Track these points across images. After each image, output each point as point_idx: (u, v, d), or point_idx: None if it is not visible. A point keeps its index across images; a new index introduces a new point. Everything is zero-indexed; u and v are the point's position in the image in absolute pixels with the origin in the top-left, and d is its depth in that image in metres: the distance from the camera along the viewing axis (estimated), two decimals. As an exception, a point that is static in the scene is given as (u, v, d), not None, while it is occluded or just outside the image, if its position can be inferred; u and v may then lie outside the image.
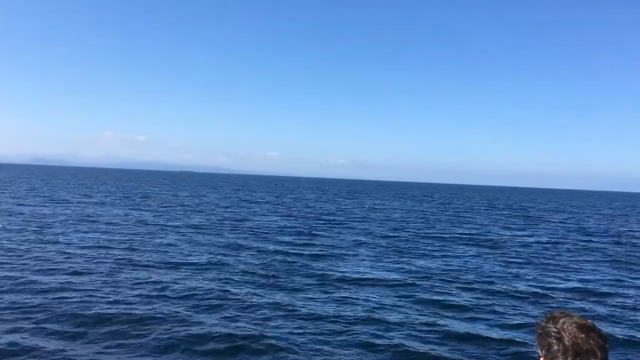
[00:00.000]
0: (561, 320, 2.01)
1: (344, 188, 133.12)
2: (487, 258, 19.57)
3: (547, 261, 19.42)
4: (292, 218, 33.24)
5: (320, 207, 46.69)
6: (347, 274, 14.93)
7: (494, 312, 11.56)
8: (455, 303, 12.21)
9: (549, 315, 2.09)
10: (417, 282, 14.40)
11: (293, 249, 19.37)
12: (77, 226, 23.01)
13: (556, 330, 1.99)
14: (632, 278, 16.55)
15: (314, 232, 25.59)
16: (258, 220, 30.14)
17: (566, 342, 1.95)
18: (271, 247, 19.72)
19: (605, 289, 14.53)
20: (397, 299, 12.40)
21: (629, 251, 23.64)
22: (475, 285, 14.30)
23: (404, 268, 16.61)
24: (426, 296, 12.74)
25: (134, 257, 15.91)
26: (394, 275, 15.28)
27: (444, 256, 19.62)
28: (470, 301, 12.43)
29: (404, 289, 13.51)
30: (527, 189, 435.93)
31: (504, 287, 14.22)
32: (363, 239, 23.90)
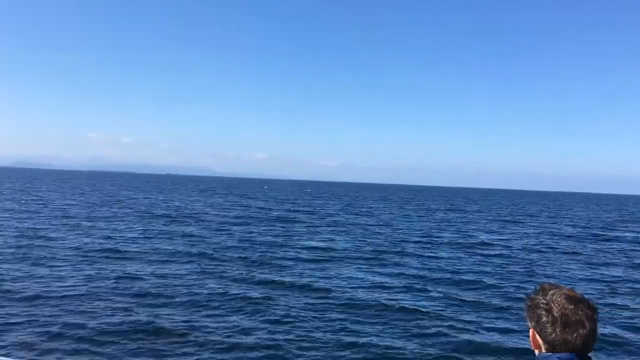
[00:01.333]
0: (550, 292, 2.02)
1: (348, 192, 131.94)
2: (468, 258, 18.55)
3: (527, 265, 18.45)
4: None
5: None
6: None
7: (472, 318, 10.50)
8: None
9: (538, 288, 2.09)
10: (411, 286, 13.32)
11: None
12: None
13: (545, 301, 2.00)
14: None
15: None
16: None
17: (555, 313, 1.96)
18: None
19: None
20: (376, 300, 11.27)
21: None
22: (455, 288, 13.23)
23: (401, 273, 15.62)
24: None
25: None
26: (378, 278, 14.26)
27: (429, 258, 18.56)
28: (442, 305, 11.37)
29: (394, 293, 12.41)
30: (520, 191, 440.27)
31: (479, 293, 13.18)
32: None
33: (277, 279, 14.10)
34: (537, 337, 2.03)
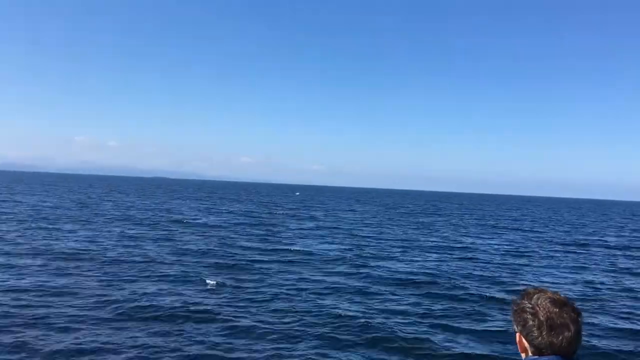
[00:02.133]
0: (535, 296, 2.06)
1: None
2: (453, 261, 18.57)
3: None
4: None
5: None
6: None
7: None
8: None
9: (523, 293, 2.12)
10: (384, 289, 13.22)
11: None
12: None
13: (531, 305, 2.03)
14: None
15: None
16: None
17: (541, 317, 1.99)
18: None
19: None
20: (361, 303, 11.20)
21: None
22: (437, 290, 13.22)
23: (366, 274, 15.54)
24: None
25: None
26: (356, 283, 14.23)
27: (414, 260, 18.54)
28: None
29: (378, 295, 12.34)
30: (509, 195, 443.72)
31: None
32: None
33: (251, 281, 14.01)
34: (524, 340, 2.06)
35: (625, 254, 25.67)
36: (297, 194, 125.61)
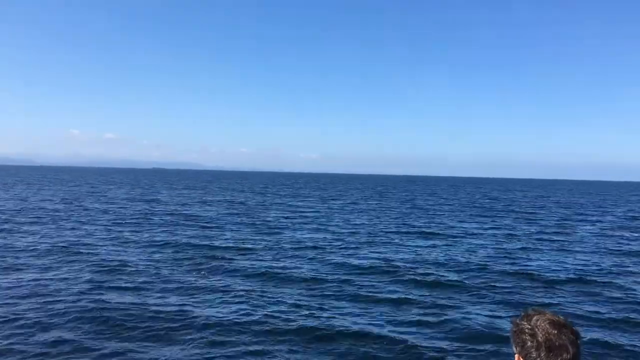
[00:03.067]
0: (534, 318, 2.08)
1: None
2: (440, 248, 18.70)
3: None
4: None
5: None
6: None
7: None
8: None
9: (523, 314, 2.15)
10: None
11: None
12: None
13: (530, 327, 2.06)
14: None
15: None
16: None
17: (539, 338, 2.01)
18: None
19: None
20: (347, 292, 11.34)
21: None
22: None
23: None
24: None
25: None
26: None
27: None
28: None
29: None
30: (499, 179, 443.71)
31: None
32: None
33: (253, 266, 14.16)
34: None
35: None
36: (292, 182, 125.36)
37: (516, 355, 2.13)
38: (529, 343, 2.04)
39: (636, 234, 25.83)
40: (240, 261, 15.61)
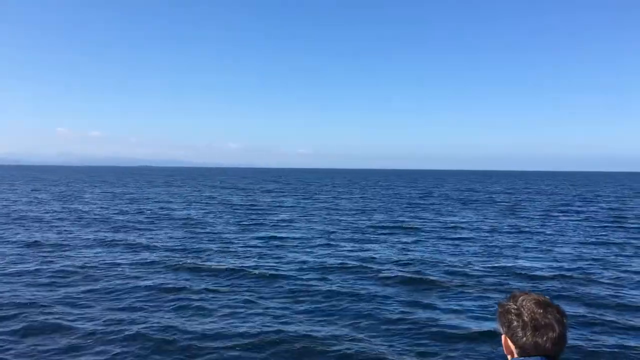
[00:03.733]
0: (520, 298, 2.09)
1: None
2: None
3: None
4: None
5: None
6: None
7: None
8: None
9: (509, 295, 2.16)
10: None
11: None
12: None
13: (516, 307, 2.06)
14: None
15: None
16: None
17: (525, 318, 2.02)
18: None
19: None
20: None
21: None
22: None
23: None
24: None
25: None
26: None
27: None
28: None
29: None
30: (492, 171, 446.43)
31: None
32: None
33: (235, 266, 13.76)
34: (509, 342, 2.09)
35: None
36: (282, 177, 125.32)
37: (503, 336, 2.14)
38: (515, 323, 2.04)
39: (616, 226, 25.79)
40: (219, 259, 15.22)
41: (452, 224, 25.67)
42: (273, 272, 13.69)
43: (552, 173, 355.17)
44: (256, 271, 13.68)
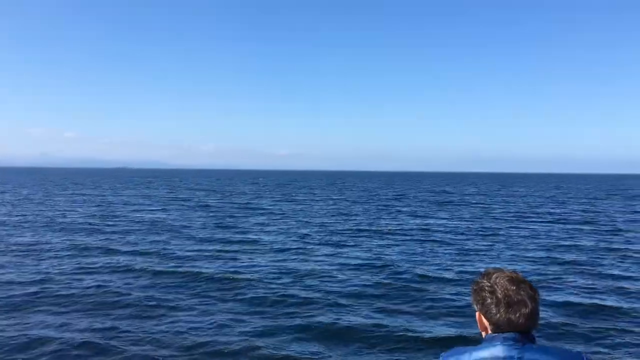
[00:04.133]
0: (494, 275, 2.12)
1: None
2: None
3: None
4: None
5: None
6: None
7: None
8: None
9: (483, 272, 2.20)
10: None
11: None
12: None
13: (489, 284, 2.10)
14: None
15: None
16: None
17: (499, 295, 2.05)
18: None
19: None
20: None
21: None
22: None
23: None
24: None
25: None
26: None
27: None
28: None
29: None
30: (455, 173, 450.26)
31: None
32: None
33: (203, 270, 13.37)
34: (483, 319, 2.13)
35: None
36: (261, 179, 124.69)
37: (477, 313, 2.17)
38: (489, 300, 2.08)
39: (590, 228, 26.07)
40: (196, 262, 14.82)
41: (426, 227, 25.64)
42: (242, 276, 13.37)
43: (523, 175, 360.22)
44: (226, 275, 13.36)
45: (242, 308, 10.69)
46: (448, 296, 11.74)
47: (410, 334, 9.10)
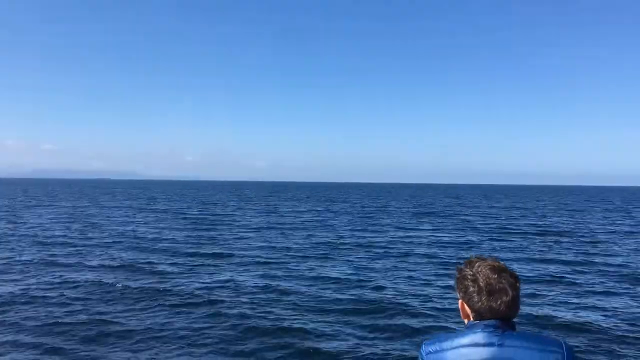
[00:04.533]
0: (477, 264, 2.15)
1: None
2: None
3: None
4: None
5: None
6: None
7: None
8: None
9: (466, 261, 2.22)
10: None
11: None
12: None
13: (472, 273, 2.13)
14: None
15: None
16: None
17: (480, 283, 2.08)
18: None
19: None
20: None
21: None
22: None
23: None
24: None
25: None
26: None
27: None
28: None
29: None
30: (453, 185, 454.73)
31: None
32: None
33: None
34: (466, 306, 2.16)
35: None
36: (239, 190, 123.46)
37: (460, 301, 2.21)
38: (471, 288, 2.10)
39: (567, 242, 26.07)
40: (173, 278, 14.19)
41: (408, 240, 25.35)
42: (215, 292, 12.83)
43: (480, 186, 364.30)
44: (196, 293, 12.80)
45: (208, 324, 10.17)
46: (433, 313, 11.38)
47: (396, 352, 8.70)
